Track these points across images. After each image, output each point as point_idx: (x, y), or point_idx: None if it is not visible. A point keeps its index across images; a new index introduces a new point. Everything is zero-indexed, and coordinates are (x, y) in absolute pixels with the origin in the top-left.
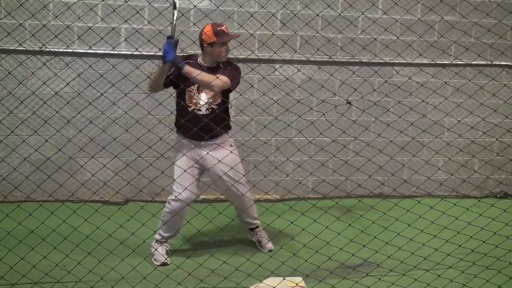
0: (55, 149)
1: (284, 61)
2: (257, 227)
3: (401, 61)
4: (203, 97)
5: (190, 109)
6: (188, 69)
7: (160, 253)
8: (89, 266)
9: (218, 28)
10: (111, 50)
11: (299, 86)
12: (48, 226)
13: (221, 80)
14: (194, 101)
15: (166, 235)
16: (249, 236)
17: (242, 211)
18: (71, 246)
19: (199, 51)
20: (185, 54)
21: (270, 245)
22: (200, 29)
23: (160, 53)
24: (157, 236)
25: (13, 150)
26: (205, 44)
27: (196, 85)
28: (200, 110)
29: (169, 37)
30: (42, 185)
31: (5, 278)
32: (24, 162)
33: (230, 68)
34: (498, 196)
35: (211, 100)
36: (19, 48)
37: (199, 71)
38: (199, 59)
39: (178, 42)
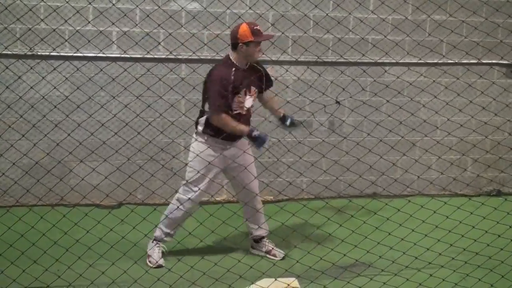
0: (45, 153)
1: (273, 62)
2: (263, 237)
3: (390, 61)
4: (249, 101)
5: (235, 112)
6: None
7: (156, 254)
8: (80, 270)
9: (255, 27)
10: (98, 53)
11: (287, 87)
12: (38, 230)
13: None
14: (241, 105)
15: (167, 230)
16: (255, 251)
17: (252, 214)
18: (62, 251)
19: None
20: (219, 58)
21: (280, 252)
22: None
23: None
24: (158, 233)
25: (1, 155)
26: (240, 43)
27: (243, 90)
28: (242, 111)
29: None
30: (33, 189)
31: None
32: (16, 167)
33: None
34: (492, 194)
35: (253, 103)
36: (7, 52)
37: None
38: (233, 61)
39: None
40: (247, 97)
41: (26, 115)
